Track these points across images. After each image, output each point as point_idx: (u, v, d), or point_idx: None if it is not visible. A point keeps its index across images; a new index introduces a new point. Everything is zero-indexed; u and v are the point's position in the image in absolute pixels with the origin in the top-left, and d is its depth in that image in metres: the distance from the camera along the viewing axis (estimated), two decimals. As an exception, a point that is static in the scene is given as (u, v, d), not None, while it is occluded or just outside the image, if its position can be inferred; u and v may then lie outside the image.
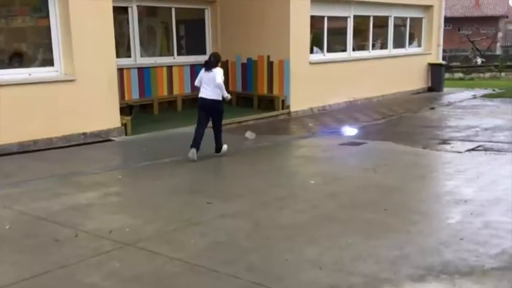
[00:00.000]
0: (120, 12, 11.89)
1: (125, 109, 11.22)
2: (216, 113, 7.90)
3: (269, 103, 12.87)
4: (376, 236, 4.59)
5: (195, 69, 13.49)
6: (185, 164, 7.70)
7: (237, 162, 8.02)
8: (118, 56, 10.30)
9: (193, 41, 14.19)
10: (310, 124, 11.42)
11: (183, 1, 13.08)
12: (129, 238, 4.61)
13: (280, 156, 8.70)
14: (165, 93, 12.98)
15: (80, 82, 9.11)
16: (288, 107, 12.70)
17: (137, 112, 12.00)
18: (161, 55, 13.38)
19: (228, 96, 7.91)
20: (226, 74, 13.73)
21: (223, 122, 8.33)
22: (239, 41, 13.35)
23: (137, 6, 12.25)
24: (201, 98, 7.83)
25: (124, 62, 11.94)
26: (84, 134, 9.27)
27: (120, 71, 11.39)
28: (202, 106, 7.86)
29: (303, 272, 3.91)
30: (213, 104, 7.73)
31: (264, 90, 13.15)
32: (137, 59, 12.46)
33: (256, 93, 13.25)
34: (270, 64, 12.88)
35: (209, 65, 7.68)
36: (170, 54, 13.39)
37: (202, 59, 13.64)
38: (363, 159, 8.04)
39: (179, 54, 13.51)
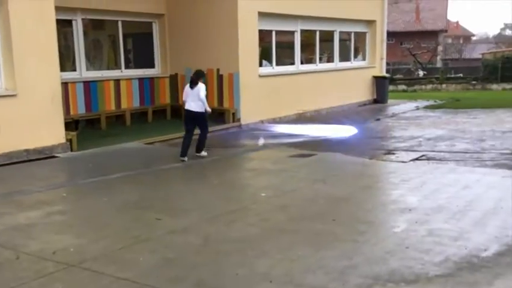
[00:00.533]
0: (65, 25, 11.61)
1: (71, 124, 10.92)
2: (200, 122, 8.82)
3: (220, 116, 12.85)
4: (325, 247, 4.65)
5: (143, 83, 13.36)
6: (134, 179, 7.56)
7: (187, 177, 7.95)
8: (62, 69, 10.04)
9: (141, 55, 14.04)
10: (261, 137, 11.48)
11: (130, 14, 12.93)
12: (73, 259, 4.45)
13: (231, 170, 8.69)
14: (113, 107, 12.72)
15: (22, 97, 8.78)
16: (239, 119, 12.75)
17: (84, 127, 11.70)
18: (108, 68, 13.15)
19: (209, 110, 8.76)
20: (175, 88, 13.79)
21: (176, 135, 9.34)
22: (188, 54, 13.31)
23: (82, 19, 12.00)
24: (186, 110, 8.77)
25: (69, 75, 11.65)
26: (27, 150, 8.92)
27: (65, 85, 11.10)
28: (187, 117, 8.83)
29: (254, 285, 3.89)
30: (196, 115, 8.69)
31: (215, 103, 13.12)
32: (83, 72, 12.18)
33: (206, 107, 13.21)
34: (220, 77, 12.91)
35: (192, 83, 8.67)
36: (118, 67, 13.18)
37: (150, 72, 13.68)
38: (312, 171, 8.15)
39: (127, 67, 13.32)
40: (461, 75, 29.43)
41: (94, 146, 9.94)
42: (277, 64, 14.35)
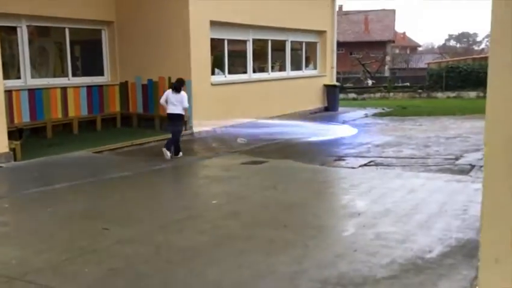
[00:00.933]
0: (9, 33, 11.21)
1: (15, 133, 10.50)
2: (179, 123, 9.83)
3: (171, 124, 12.73)
4: (276, 253, 4.66)
5: (92, 91, 13.05)
6: (81, 189, 7.34)
7: (137, 185, 7.80)
8: (6, 77, 9.68)
9: (89, 62, 13.73)
10: (213, 144, 11.44)
11: (78, 21, 12.63)
12: (16, 271, 4.26)
13: (182, 177, 8.60)
14: (60, 115, 12.35)
15: (-39, 105, 8.38)
16: (191, 127, 12.64)
17: (28, 136, 11.30)
18: (55, 76, 12.78)
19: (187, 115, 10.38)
20: (125, 96, 13.56)
21: (126, 144, 10.34)
22: (139, 62, 13.14)
23: (27, 26, 11.61)
24: (170, 113, 9.73)
25: (14, 83, 11.24)
26: (-34, 161, 8.51)
27: (9, 93, 10.69)
28: (170, 119, 9.82)
29: (204, 294, 3.85)
30: (178, 116, 9.74)
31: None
32: (28, 80, 11.78)
33: (158, 115, 13.04)
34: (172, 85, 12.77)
35: (176, 89, 9.72)
36: (65, 75, 12.83)
37: (99, 80, 13.40)
38: (264, 178, 8.18)
39: (74, 75, 12.98)
40: (407, 84, 30.41)
41: (39, 155, 9.60)
42: (229, 72, 14.38)
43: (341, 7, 46.37)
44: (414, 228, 5.26)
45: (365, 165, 8.73)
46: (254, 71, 15.46)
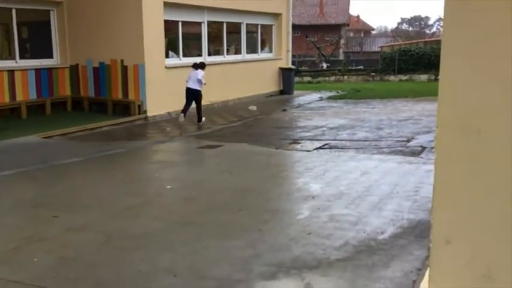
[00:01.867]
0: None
1: (-43, 118, 10.00)
2: (197, 97, 11.47)
3: (125, 108, 12.45)
4: (231, 237, 4.64)
5: (40, 74, 12.55)
6: (30, 175, 7.07)
7: (88, 170, 7.58)
8: None
9: (38, 44, 13.18)
10: (167, 128, 11.27)
11: (25, 2, 12.05)
12: (-43, 264, 4.07)
13: (136, 162, 8.43)
14: (7, 99, 11.82)
15: None
16: (145, 111, 12.40)
17: (-28, 121, 10.77)
18: (1, 59, 12.21)
19: (204, 83, 11.55)
20: (76, 79, 13.14)
21: (78, 128, 10.49)
22: (89, 45, 12.71)
23: (-31, 4, 11.00)
24: (187, 88, 11.46)
25: (-46, 65, 10.66)
26: None
27: (-51, 75, 10.13)
28: (188, 93, 11.45)
29: (157, 281, 3.79)
30: (194, 91, 11.36)
31: (119, 95, 12.68)
32: (-29, 62, 11.19)
33: (111, 98, 12.74)
34: (125, 68, 12.46)
35: (196, 66, 11.56)
36: (12, 57, 12.26)
37: (48, 63, 12.90)
38: (219, 162, 8.13)
39: (22, 57, 12.43)
40: (361, 67, 30.86)
41: (-16, 141, 9.18)
42: (184, 55, 14.13)
43: (296, -10, 46.37)
44: (367, 210, 5.36)
45: (320, 148, 8.81)
46: (209, 54, 15.26)
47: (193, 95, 11.40)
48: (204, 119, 11.68)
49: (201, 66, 11.67)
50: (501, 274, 1.39)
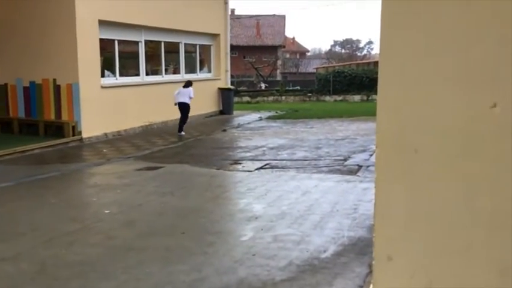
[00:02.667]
0: None
1: None
2: (187, 109, 13.48)
3: (58, 129, 11.97)
4: (175, 262, 4.53)
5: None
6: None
7: (20, 196, 7.18)
8: None
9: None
10: (104, 150, 10.93)
11: None
12: None
13: (71, 187, 8.09)
14: None
15: None
16: (80, 133, 11.98)
17: None
18: None
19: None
20: (5, 99, 12.52)
21: (5, 152, 9.83)
22: (19, 63, 12.20)
23: None
24: (180, 102, 13.41)
25: None
26: None
27: None
28: (180, 106, 13.40)
29: (98, 311, 3.62)
30: (186, 105, 13.39)
31: (52, 116, 12.20)
32: None
33: (42, 119, 12.22)
34: (57, 88, 12.03)
35: (187, 85, 13.59)
36: None
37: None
38: (160, 184, 7.96)
39: None
40: (298, 87, 31.61)
41: None
42: (121, 75, 13.85)
43: (233, 11, 46.98)
44: (309, 229, 5.41)
45: (261, 168, 8.86)
46: (147, 74, 15.06)
47: (185, 108, 13.48)
48: (183, 133, 13.17)
49: (191, 84, 13.80)
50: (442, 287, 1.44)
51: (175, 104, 13.41)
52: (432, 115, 1.38)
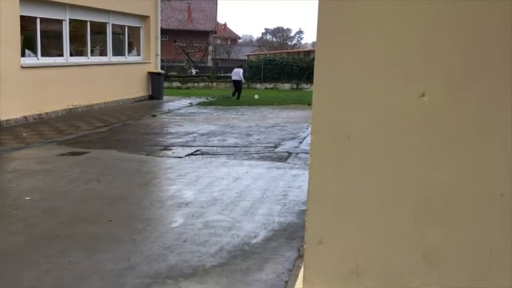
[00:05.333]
0: None
1: None
2: (238, 86, 19.85)
3: (-28, 111, 11.17)
4: (101, 250, 4.40)
5: None
6: None
7: None
8: None
9: None
10: (24, 134, 10.36)
11: None
12: None
13: (-13, 172, 7.60)
14: None
15: None
16: (-3, 115, 11.26)
17: None
18: None
19: (243, 81, 21.15)
20: None
21: None
22: None
23: None
24: (234, 79, 20.28)
25: None
26: None
27: None
28: (234, 83, 20.27)
29: (18, 303, 3.44)
30: (237, 82, 19.85)
31: (-35, 97, 11.35)
32: None
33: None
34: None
35: (239, 67, 20.76)
36: None
37: None
38: (85, 170, 7.66)
39: None
40: (229, 74, 31.57)
41: None
42: (43, 55, 13.12)
43: (164, -6, 45.88)
44: (240, 215, 5.44)
45: (192, 154, 8.78)
46: (71, 55, 14.38)
47: (237, 83, 19.69)
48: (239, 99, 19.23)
49: (242, 66, 21.17)
50: (368, 271, 1.49)
51: (231, 81, 20.69)
52: (365, 103, 1.41)
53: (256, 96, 20.15)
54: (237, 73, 19.96)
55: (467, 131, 1.34)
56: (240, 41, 70.74)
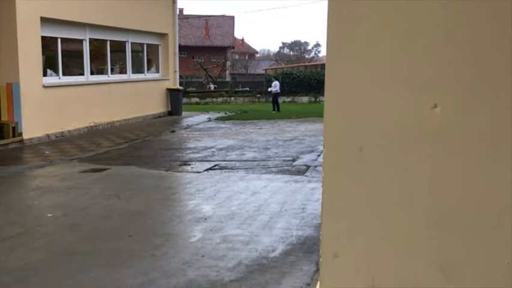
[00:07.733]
0: None
1: None
2: (276, 98, 21.20)
3: (-3, 130, 11.43)
4: (121, 265, 4.43)
5: None
6: None
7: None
8: None
9: None
10: (46, 152, 10.55)
11: None
12: None
13: (10, 189, 7.74)
14: None
15: None
16: (21, 134, 11.50)
17: None
18: None
19: (279, 91, 22.18)
20: None
21: None
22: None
23: None
24: (272, 92, 21.39)
25: None
26: None
27: None
28: (273, 95, 21.46)
29: (39, 319, 3.48)
30: (276, 93, 21.32)
31: (-10, 116, 11.63)
32: None
33: (-20, 119, 11.63)
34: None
35: (274, 80, 22.45)
36: None
37: None
38: (106, 186, 7.76)
39: None
40: (247, 88, 31.71)
41: None
42: (64, 74, 13.40)
43: (181, 10, 46.56)
44: (258, 229, 5.43)
45: (210, 169, 8.82)
46: (92, 73, 14.66)
47: (276, 96, 21.14)
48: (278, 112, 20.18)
49: (278, 79, 22.93)
50: (384, 285, 1.48)
51: (270, 91, 21.96)
52: (377, 115, 1.41)
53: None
54: (277, 85, 21.28)
55: (479, 142, 1.33)
56: (257, 55, 71.13)
